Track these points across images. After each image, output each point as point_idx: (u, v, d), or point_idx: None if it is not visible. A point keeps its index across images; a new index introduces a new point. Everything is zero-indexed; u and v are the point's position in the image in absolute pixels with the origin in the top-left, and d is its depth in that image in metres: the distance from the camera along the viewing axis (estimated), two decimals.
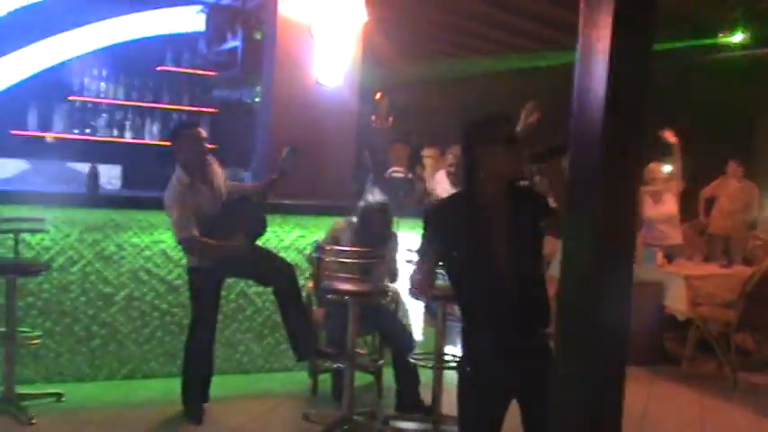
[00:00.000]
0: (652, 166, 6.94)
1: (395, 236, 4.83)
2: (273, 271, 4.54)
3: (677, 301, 6.12)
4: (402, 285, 4.82)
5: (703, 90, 8.57)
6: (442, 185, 5.70)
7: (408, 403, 4.70)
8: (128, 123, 7.97)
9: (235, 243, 4.30)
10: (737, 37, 7.10)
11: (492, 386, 2.90)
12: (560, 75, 10.57)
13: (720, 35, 7.10)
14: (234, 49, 6.71)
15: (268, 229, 4.58)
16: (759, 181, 8.68)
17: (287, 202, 5.39)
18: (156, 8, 7.69)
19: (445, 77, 13.31)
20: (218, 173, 4.55)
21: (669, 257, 6.63)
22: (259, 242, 4.60)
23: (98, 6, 7.50)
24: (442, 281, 4.32)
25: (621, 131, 1.81)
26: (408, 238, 5.42)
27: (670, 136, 6.84)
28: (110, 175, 7.26)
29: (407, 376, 4.72)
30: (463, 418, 2.97)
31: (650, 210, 6.98)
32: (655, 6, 1.82)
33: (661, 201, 7.00)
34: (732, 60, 7.68)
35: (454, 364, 4.22)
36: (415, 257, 3.16)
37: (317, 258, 4.37)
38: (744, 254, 7.44)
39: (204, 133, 4.43)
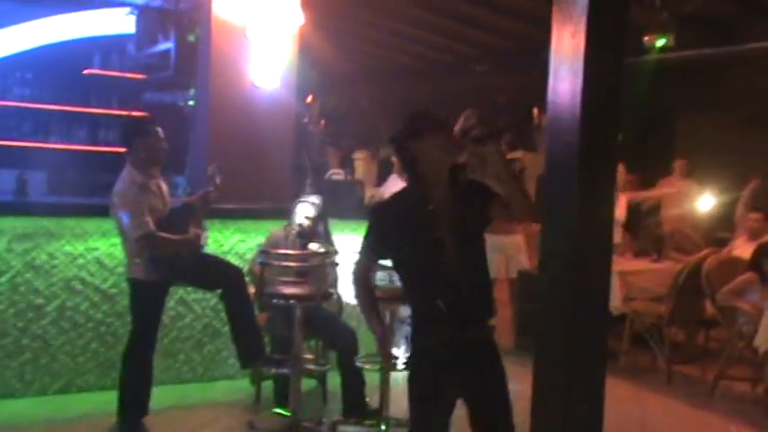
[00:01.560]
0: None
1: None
2: (221, 274, 4.45)
3: (611, 297, 6.23)
4: (346, 288, 4.79)
5: (628, 91, 8.81)
6: (397, 186, 5.65)
7: (354, 407, 4.67)
8: (54, 128, 7.71)
9: (188, 236, 4.22)
10: (661, 40, 7.33)
11: (441, 381, 2.93)
12: (486, 76, 10.80)
13: (645, 38, 7.31)
14: (166, 52, 6.55)
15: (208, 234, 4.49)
16: None
17: (226, 206, 5.29)
18: (82, 10, 7.45)
19: (375, 79, 13.35)
20: (163, 177, 4.46)
21: None
22: None
23: (21, 8, 7.22)
24: (384, 282, 4.33)
25: (595, 138, 1.83)
26: (349, 241, 5.40)
27: None
28: (35, 182, 7.00)
29: (353, 380, 4.70)
30: (415, 413, 2.98)
31: None
32: (626, 15, 1.85)
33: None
34: (656, 63, 7.92)
35: (401, 366, 4.24)
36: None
37: (261, 263, 4.30)
38: (672, 248, 7.66)
39: (160, 131, 4.29)
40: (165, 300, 4.44)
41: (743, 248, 6.24)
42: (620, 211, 7.02)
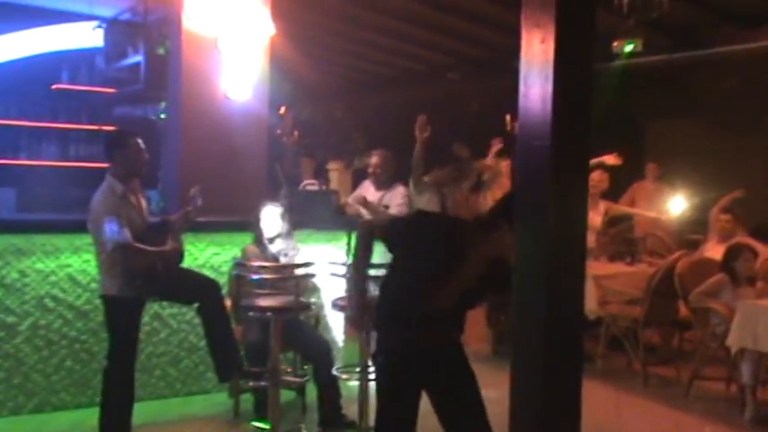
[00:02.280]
0: None
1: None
2: (198, 288, 4.41)
3: (587, 301, 6.28)
4: (324, 299, 4.79)
5: (598, 96, 8.90)
6: (368, 191, 5.67)
7: (331, 419, 4.66)
8: (22, 144, 7.62)
9: (167, 248, 4.18)
10: (629, 46, 7.42)
11: (402, 377, 3.17)
12: (458, 84, 10.86)
13: (614, 44, 7.40)
14: (135, 65, 6.50)
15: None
16: None
17: (199, 219, 5.26)
18: (50, 24, 7.37)
19: (348, 89, 13.37)
20: (142, 192, 4.44)
21: None
22: None
23: None
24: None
25: (567, 143, 1.86)
26: (325, 252, 5.39)
27: (612, 159, 7.03)
28: (4, 199, 6.91)
29: (329, 392, 4.69)
30: (378, 405, 3.23)
31: None
32: (594, 21, 1.88)
33: None
34: (625, 68, 8.02)
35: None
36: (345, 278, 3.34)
37: (236, 276, 4.28)
38: (646, 251, 7.73)
39: (140, 143, 4.27)
40: (140, 316, 4.39)
41: (714, 250, 6.32)
42: (597, 218, 7.09)
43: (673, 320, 6.37)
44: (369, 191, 5.70)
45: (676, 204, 7.94)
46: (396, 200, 5.52)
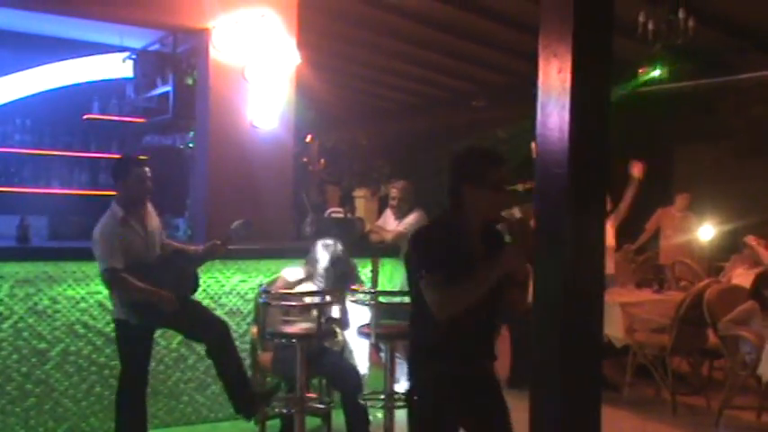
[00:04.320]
0: None
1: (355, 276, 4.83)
2: (206, 331, 4.44)
3: (614, 329, 6.23)
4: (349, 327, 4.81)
5: (626, 123, 8.89)
6: (389, 221, 5.76)
7: None
8: (54, 173, 7.75)
9: (163, 293, 4.16)
10: (656, 72, 7.43)
11: (439, 413, 2.97)
12: (484, 110, 10.88)
13: (640, 71, 7.42)
14: (164, 95, 6.61)
15: (201, 281, 4.58)
16: None
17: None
18: (81, 56, 7.53)
19: (373, 116, 13.47)
20: (154, 218, 4.50)
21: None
22: (200, 289, 4.51)
23: (21, 56, 7.31)
24: (390, 320, 4.35)
25: (585, 171, 1.87)
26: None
27: (637, 169, 6.75)
28: (37, 227, 7.01)
29: (357, 418, 4.67)
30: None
31: None
32: (611, 51, 1.90)
33: None
34: (651, 94, 8.02)
35: (404, 403, 4.23)
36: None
37: (263, 303, 4.32)
38: (673, 278, 7.67)
39: (147, 172, 4.36)
40: (149, 342, 4.43)
41: (743, 277, 6.25)
42: (609, 240, 7.03)
43: (701, 348, 6.29)
44: (389, 220, 5.78)
45: (704, 231, 7.86)
46: (408, 220, 5.68)
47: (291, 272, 4.74)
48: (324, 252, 4.66)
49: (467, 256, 2.86)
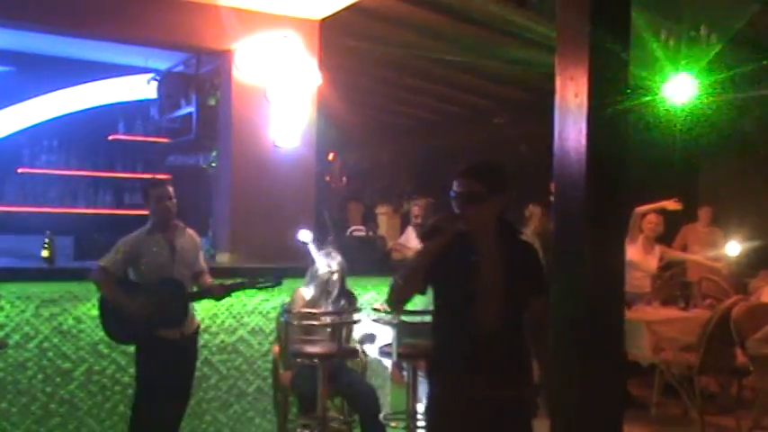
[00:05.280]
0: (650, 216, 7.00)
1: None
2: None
3: (640, 347, 6.16)
4: (371, 347, 4.79)
5: (649, 140, 8.84)
6: (411, 240, 5.75)
7: None
8: (80, 193, 7.84)
9: (132, 303, 4.29)
10: (679, 88, 7.37)
11: (448, 427, 2.92)
12: (505, 127, 10.86)
13: (663, 87, 7.36)
14: (188, 115, 6.68)
15: (222, 301, 4.69)
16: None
17: (248, 266, 5.35)
18: (106, 78, 7.64)
19: (394, 134, 13.50)
20: (188, 238, 4.60)
21: (628, 304, 6.67)
22: (223, 308, 4.53)
23: (48, 79, 7.43)
24: (411, 338, 4.33)
25: (602, 192, 1.86)
26: (372, 298, 5.41)
27: (672, 206, 6.97)
28: (62, 246, 7.08)
29: None
30: None
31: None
32: (627, 74, 1.90)
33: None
34: (674, 110, 7.96)
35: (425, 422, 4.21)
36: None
37: (285, 322, 4.32)
38: (701, 296, 7.56)
39: (166, 192, 4.47)
40: (154, 358, 4.44)
41: None
42: (653, 262, 6.98)
43: (730, 367, 6.18)
44: (411, 237, 5.78)
45: (731, 248, 7.76)
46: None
47: (306, 290, 4.77)
48: (328, 259, 4.72)
49: (471, 269, 2.85)
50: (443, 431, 2.95)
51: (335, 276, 4.69)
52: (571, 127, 1.89)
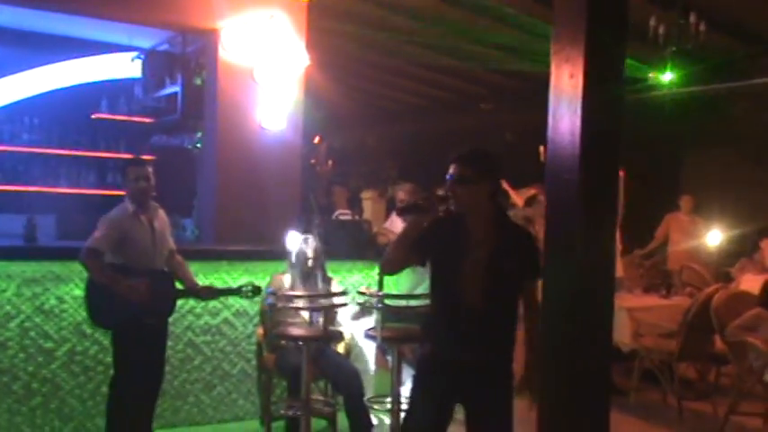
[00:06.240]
0: None
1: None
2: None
3: (621, 334, 6.21)
4: (356, 329, 4.79)
5: (634, 127, 8.87)
6: (397, 225, 5.74)
7: None
8: (62, 172, 7.76)
9: (134, 284, 4.20)
10: (667, 76, 7.41)
11: (434, 383, 3.20)
12: (492, 114, 10.88)
13: (651, 75, 7.39)
14: (173, 95, 6.62)
15: (209, 282, 4.62)
16: None
17: (234, 248, 5.33)
18: (89, 55, 7.54)
19: (381, 118, 13.48)
20: (163, 219, 4.55)
21: None
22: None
23: (29, 55, 7.32)
24: (396, 323, 4.34)
25: (595, 175, 1.86)
26: (358, 281, 5.42)
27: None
28: (44, 226, 7.01)
29: (359, 421, 4.67)
30: (411, 404, 3.37)
31: None
32: (623, 56, 1.90)
33: None
34: (661, 98, 8.00)
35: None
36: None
37: (270, 305, 4.31)
38: (681, 284, 7.64)
39: (144, 172, 4.39)
40: (135, 341, 4.36)
41: (752, 282, 6.22)
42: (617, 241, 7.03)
43: (709, 354, 6.25)
44: (396, 223, 5.76)
45: (712, 236, 7.84)
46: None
47: (285, 276, 4.78)
48: (305, 245, 4.72)
49: (462, 247, 3.08)
50: (428, 386, 3.23)
51: (310, 263, 4.69)
52: (565, 108, 1.89)
